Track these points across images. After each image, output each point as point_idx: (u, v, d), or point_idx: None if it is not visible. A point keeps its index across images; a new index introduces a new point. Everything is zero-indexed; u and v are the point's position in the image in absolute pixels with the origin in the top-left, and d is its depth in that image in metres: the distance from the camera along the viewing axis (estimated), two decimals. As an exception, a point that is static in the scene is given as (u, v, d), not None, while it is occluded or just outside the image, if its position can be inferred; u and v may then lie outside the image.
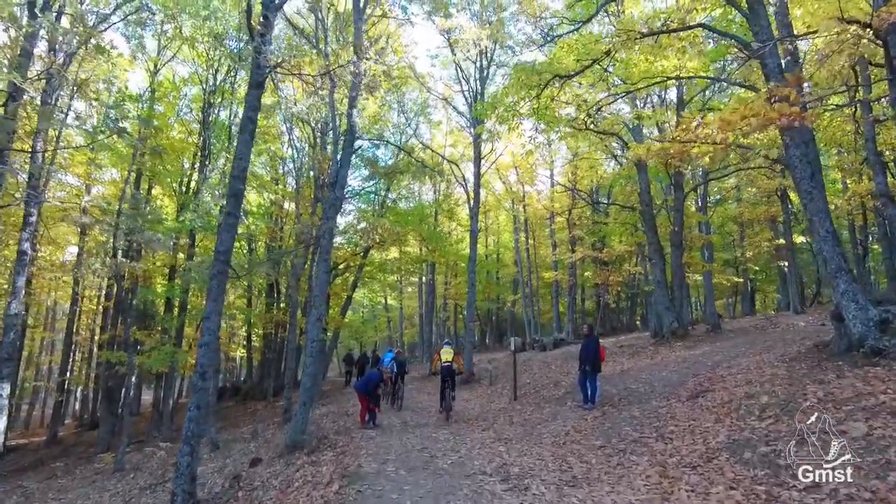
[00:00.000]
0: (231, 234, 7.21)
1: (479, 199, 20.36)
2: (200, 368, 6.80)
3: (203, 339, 6.90)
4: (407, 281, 40.07)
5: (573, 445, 7.19)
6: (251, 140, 7.51)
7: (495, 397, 13.87)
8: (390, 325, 44.88)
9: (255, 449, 11.91)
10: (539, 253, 36.00)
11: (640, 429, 7.60)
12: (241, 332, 33.95)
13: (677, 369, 11.38)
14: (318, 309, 9.92)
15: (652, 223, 17.29)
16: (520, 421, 9.67)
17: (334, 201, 10.44)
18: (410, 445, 8.09)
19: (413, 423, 10.97)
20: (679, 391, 9.47)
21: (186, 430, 6.66)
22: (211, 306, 6.97)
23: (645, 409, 8.63)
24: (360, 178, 21.65)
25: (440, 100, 22.77)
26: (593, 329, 10.80)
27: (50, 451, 21.85)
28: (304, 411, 9.31)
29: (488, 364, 20.85)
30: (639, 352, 15.69)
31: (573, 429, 8.15)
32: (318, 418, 13.85)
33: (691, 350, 13.88)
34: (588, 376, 9.86)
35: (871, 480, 4.25)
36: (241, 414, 21.99)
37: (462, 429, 9.91)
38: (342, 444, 8.58)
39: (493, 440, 8.08)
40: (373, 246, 20.27)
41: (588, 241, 31.16)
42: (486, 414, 11.43)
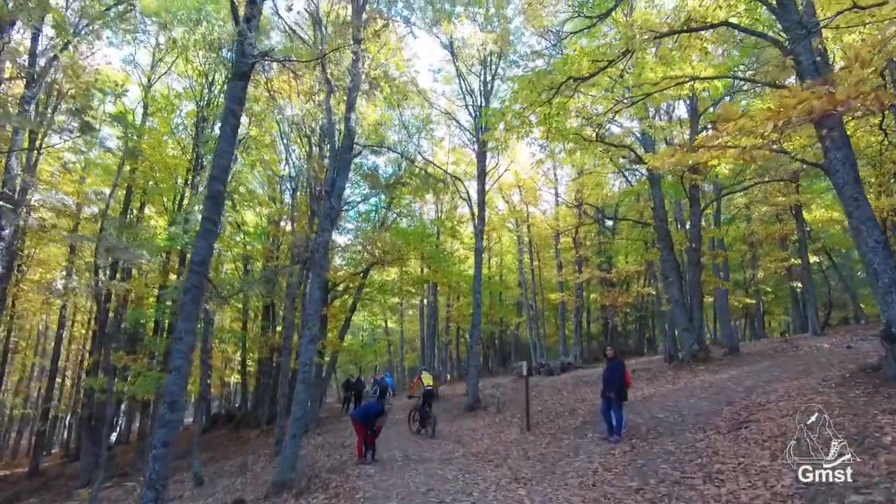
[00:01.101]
0: (209, 241, 6.29)
1: (484, 216, 19.48)
2: (169, 397, 5.81)
3: (173, 363, 5.92)
4: (408, 303, 38.98)
5: (605, 487, 6.15)
6: (233, 136, 6.64)
7: (505, 427, 12.75)
8: (390, 349, 43.65)
9: (241, 486, 10.80)
10: (543, 274, 35.03)
11: (680, 467, 6.57)
12: (235, 356, 32.82)
13: (706, 396, 10.35)
14: (312, 329, 8.94)
15: (667, 239, 16.38)
16: (536, 456, 8.60)
17: (329, 211, 9.55)
18: (414, 486, 7.03)
19: (416, 458, 9.88)
20: (715, 421, 8.45)
21: (150, 473, 5.64)
22: (184, 325, 6.00)
23: (680, 443, 7.59)
24: (359, 195, 20.75)
25: (442, 115, 22.10)
26: (617, 352, 9.80)
27: (31, 483, 20.59)
28: (294, 445, 8.26)
29: (494, 390, 19.71)
30: (657, 377, 14.63)
31: (601, 466, 7.09)
32: (312, 450, 12.75)
33: (716, 374, 12.84)
34: (612, 405, 8.83)
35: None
36: (233, 443, 20.79)
37: (472, 464, 8.82)
38: (335, 485, 7.51)
39: (510, 480, 7.01)
40: (373, 264, 19.32)
41: (595, 261, 30.24)
42: (497, 447, 10.33)
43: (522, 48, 19.93)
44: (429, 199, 30.86)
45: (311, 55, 9.62)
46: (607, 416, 8.91)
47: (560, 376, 20.96)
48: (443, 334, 32.24)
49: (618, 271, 27.67)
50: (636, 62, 11.47)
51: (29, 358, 34.46)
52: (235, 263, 26.79)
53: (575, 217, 29.52)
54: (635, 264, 25.49)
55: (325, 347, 19.26)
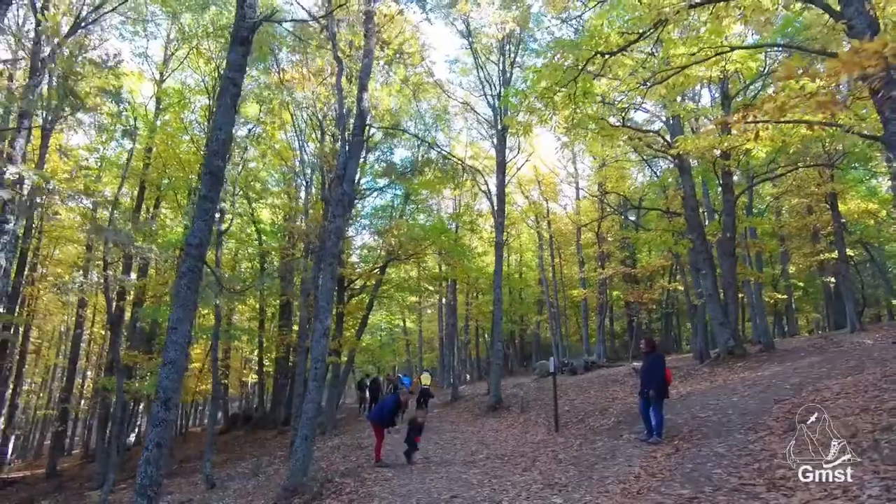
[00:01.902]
0: (206, 222, 5.71)
1: (504, 208, 18.76)
2: (163, 394, 5.23)
3: (167, 356, 5.34)
4: (426, 302, 38.37)
5: (652, 495, 5.41)
6: (233, 107, 6.06)
7: (530, 427, 12.04)
8: (409, 350, 43.03)
9: (253, 489, 10.26)
10: (564, 272, 34.14)
11: (736, 472, 5.80)
12: (253, 356, 32.52)
13: (751, 394, 9.51)
14: (325, 322, 8.33)
15: (700, 229, 15.47)
16: (568, 459, 7.87)
17: (342, 197, 8.94)
18: (436, 492, 6.37)
19: (437, 460, 9.23)
20: (766, 421, 7.64)
21: (142, 478, 5.07)
22: (179, 313, 5.43)
23: (731, 445, 6.81)
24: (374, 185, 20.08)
25: (460, 107, 21.40)
26: (654, 345, 8.98)
27: (47, 484, 20.41)
28: (305, 447, 7.65)
29: (516, 389, 19.00)
30: (691, 374, 13.77)
31: (644, 471, 6.35)
32: (328, 452, 12.18)
33: (756, 371, 11.95)
34: (652, 403, 8.06)
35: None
36: (250, 444, 20.36)
37: (497, 467, 8.13)
38: (350, 490, 6.88)
39: (542, 486, 6.31)
40: (390, 260, 18.72)
41: (618, 256, 29.29)
42: (523, 448, 9.63)
43: (542, 35, 19.17)
44: (446, 194, 30.25)
45: (318, 36, 9.01)
46: (646, 416, 8.15)
47: (584, 375, 20.16)
48: (462, 333, 31.49)
49: (643, 267, 26.69)
50: (665, 39, 10.68)
51: (51, 359, 34.64)
52: (252, 262, 26.47)
53: (597, 211, 28.63)
54: (662, 259, 24.47)
55: (343, 346, 18.71)
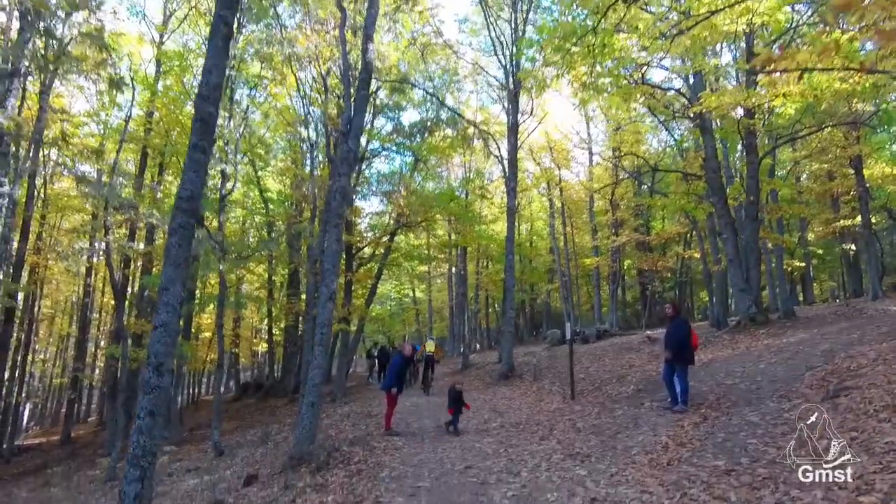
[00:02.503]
0: (198, 174, 5.23)
1: (516, 172, 18.14)
2: (155, 360, 4.84)
3: (158, 318, 4.93)
4: (436, 271, 38.04)
5: (684, 467, 5.00)
6: (225, 49, 5.51)
7: (544, 395, 11.70)
8: (419, 319, 42.90)
9: (261, 456, 10.05)
10: (576, 240, 33.55)
11: (773, 442, 5.37)
12: (263, 325, 32.54)
13: (778, 361, 9.04)
14: (330, 286, 7.91)
15: (721, 192, 14.80)
16: (588, 428, 7.49)
17: (346, 154, 8.42)
18: (449, 462, 6.01)
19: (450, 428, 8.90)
20: (798, 388, 7.19)
21: (134, 448, 4.71)
22: (170, 272, 5.00)
23: (764, 413, 6.37)
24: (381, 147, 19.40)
25: (470, 69, 20.55)
26: (679, 309, 8.49)
27: (62, 451, 20.61)
28: (312, 415, 7.33)
29: (527, 358, 18.70)
30: (710, 342, 13.29)
31: (672, 441, 5.94)
32: (337, 420, 11.96)
33: (781, 338, 11.44)
34: (676, 370, 7.62)
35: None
36: (260, 412, 20.35)
37: (512, 436, 7.78)
38: (358, 459, 6.55)
39: (563, 456, 5.92)
40: (399, 227, 18.24)
41: (632, 223, 28.61)
42: (539, 417, 9.28)
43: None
44: (456, 162, 29.54)
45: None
46: (670, 383, 7.72)
47: (597, 343, 19.80)
48: (472, 303, 31.18)
49: (657, 234, 26.03)
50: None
51: (63, 328, 34.90)
52: (259, 231, 26.15)
53: (611, 177, 27.85)
54: (678, 225, 23.80)
55: (352, 315, 18.43)
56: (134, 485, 4.62)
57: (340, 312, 17.47)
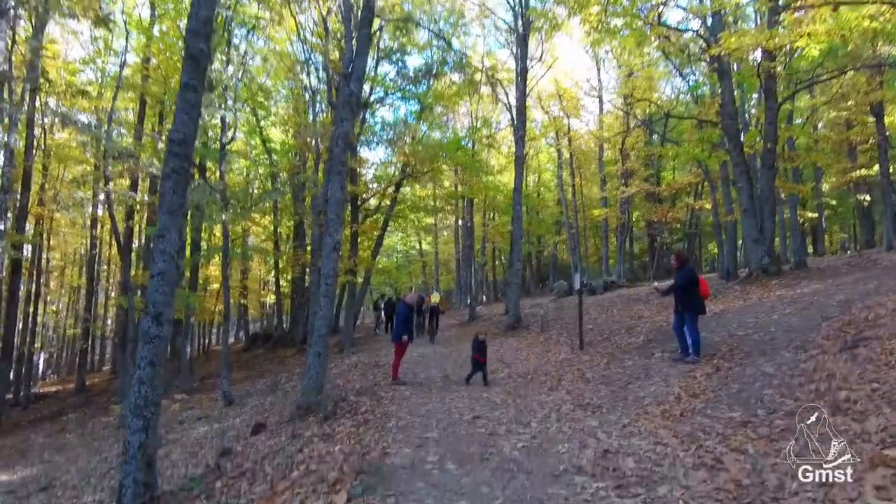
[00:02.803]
0: (190, 116, 4.92)
1: (525, 119, 17.58)
2: (153, 309, 4.69)
3: (156, 267, 4.75)
4: (442, 223, 37.78)
5: (698, 418, 4.88)
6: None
7: (552, 346, 11.65)
8: (425, 271, 42.98)
9: (269, 405, 10.13)
10: (584, 192, 33.02)
11: (790, 393, 5.23)
12: (270, 277, 32.70)
13: (793, 311, 8.83)
14: (335, 236, 7.70)
15: (737, 139, 14.28)
16: (597, 378, 7.40)
17: (349, 98, 8.03)
18: (457, 412, 5.94)
19: (456, 378, 8.88)
20: (815, 339, 7.01)
21: (136, 398, 4.62)
22: (165, 220, 4.78)
23: (779, 364, 6.22)
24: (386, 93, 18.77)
25: (477, 10, 19.65)
26: (685, 259, 8.24)
27: (76, 399, 21.09)
28: (318, 364, 7.26)
29: (534, 309, 18.68)
30: (721, 293, 13.09)
31: (684, 392, 5.82)
32: (345, 370, 12.00)
33: (794, 289, 11.22)
34: (686, 320, 7.45)
35: None
36: (269, 362, 20.63)
37: (520, 386, 7.73)
38: (365, 409, 6.50)
39: (573, 406, 5.84)
40: (405, 178, 17.87)
41: (642, 174, 28.02)
42: (546, 367, 9.23)
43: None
44: (462, 111, 28.76)
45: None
46: (680, 334, 7.57)
47: (604, 295, 19.72)
48: (479, 255, 31.04)
49: (668, 184, 25.50)
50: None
51: (74, 280, 35.24)
52: (264, 182, 25.82)
53: (622, 126, 27.08)
54: (689, 175, 23.22)
55: (358, 266, 18.34)
56: (138, 434, 4.56)
57: (346, 264, 17.37)
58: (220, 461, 5.69)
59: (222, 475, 5.03)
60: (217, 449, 6.43)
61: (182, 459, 6.80)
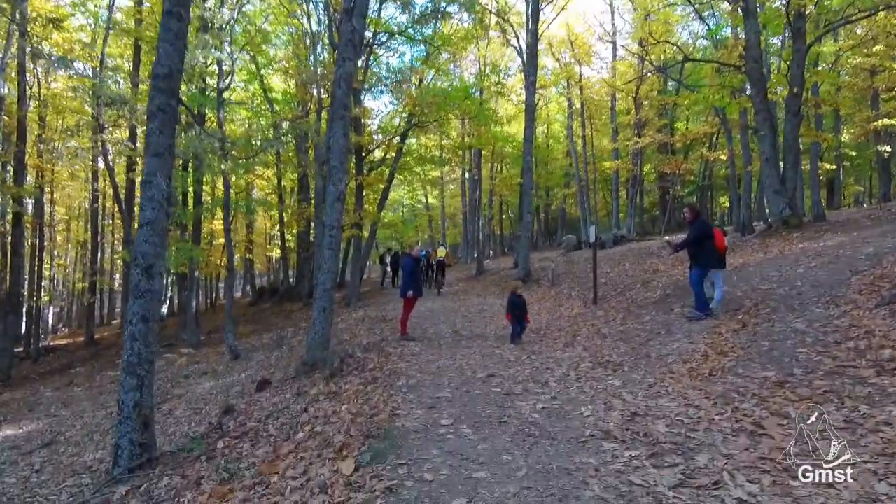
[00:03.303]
0: (175, 46, 4.42)
1: (537, 64, 16.78)
2: (143, 261, 4.33)
3: (144, 215, 4.37)
4: (449, 176, 37.10)
5: (729, 377, 4.56)
6: None
7: (564, 300, 11.35)
8: (431, 225, 42.57)
9: (275, 360, 9.96)
10: (595, 143, 32.10)
11: (827, 351, 4.88)
12: (275, 231, 32.42)
13: (818, 265, 8.41)
14: (339, 185, 7.27)
15: (761, 84, 13.47)
16: (614, 334, 7.09)
17: (351, 35, 7.43)
18: (469, 370, 5.65)
19: (466, 333, 8.61)
20: (846, 294, 6.63)
21: (128, 354, 4.34)
22: (153, 163, 4.36)
23: (810, 321, 5.86)
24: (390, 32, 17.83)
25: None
26: (698, 211, 7.75)
27: (85, 352, 21.21)
28: (324, 320, 6.97)
29: (544, 263, 18.35)
30: (738, 246, 12.67)
31: (710, 349, 5.49)
32: (352, 324, 11.79)
33: (816, 242, 10.76)
34: (705, 275, 7.08)
35: None
36: (276, 316, 20.57)
37: (533, 343, 7.43)
38: (373, 366, 6.23)
39: (592, 364, 5.53)
40: (411, 124, 17.22)
41: (656, 123, 27.10)
42: (560, 322, 8.94)
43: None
44: (470, 59, 27.64)
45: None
46: (700, 288, 7.19)
47: (614, 249, 19.36)
48: (486, 208, 30.51)
49: (683, 134, 24.62)
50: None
51: (80, 234, 35.15)
52: (266, 133, 25.14)
53: (636, 72, 25.97)
54: (706, 125, 22.33)
55: (363, 219, 17.94)
56: (132, 394, 4.30)
57: (352, 217, 16.97)
58: (224, 419, 5.47)
59: (224, 435, 4.79)
60: (221, 405, 6.22)
61: (186, 416, 6.62)
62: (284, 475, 3.33)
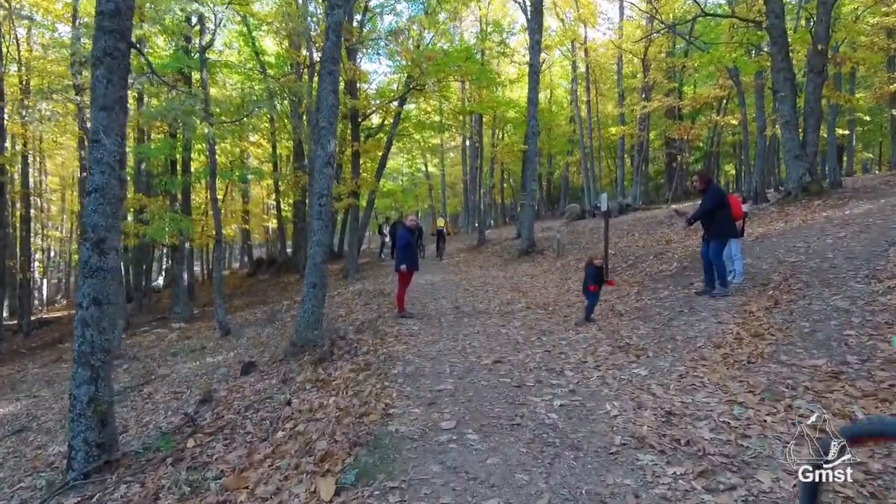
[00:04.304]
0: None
1: (542, 22, 15.82)
2: (93, 234, 3.70)
3: (92, 181, 3.72)
4: (449, 144, 36.12)
5: (772, 366, 3.97)
6: None
7: (570, 273, 10.74)
8: (432, 195, 41.72)
9: (266, 337, 9.43)
10: (599, 109, 31.03)
11: (879, 334, 4.29)
12: (271, 201, 31.67)
13: (848, 235, 7.77)
14: (327, 148, 6.60)
15: (783, 40, 12.57)
16: (631, 311, 6.50)
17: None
18: (474, 354, 5.08)
19: (469, 310, 8.03)
20: (885, 266, 6.03)
21: (80, 343, 3.75)
22: (101, 118, 3.68)
23: (852, 298, 5.25)
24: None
25: None
26: (709, 178, 7.02)
27: (80, 325, 20.77)
28: (314, 297, 6.38)
29: (547, 233, 17.71)
30: (756, 215, 11.99)
31: (743, 330, 4.90)
32: (348, 298, 11.23)
33: (841, 210, 10.10)
34: (718, 246, 6.46)
35: None
36: (272, 288, 20.03)
37: (541, 320, 6.85)
38: (367, 349, 5.66)
39: (610, 348, 4.94)
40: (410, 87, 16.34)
41: (664, 87, 26.07)
42: (569, 297, 8.34)
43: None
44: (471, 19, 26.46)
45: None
46: (710, 263, 6.55)
47: (620, 218, 18.65)
48: (487, 177, 29.67)
49: (693, 98, 23.62)
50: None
51: (75, 204, 34.44)
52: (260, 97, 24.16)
53: (645, 32, 24.82)
54: (718, 88, 21.34)
55: (361, 188, 17.22)
56: (85, 387, 3.72)
57: (349, 186, 16.26)
58: (200, 409, 4.92)
59: (197, 430, 4.24)
60: (202, 389, 5.67)
61: (164, 402, 6.09)
62: (254, 493, 2.77)
